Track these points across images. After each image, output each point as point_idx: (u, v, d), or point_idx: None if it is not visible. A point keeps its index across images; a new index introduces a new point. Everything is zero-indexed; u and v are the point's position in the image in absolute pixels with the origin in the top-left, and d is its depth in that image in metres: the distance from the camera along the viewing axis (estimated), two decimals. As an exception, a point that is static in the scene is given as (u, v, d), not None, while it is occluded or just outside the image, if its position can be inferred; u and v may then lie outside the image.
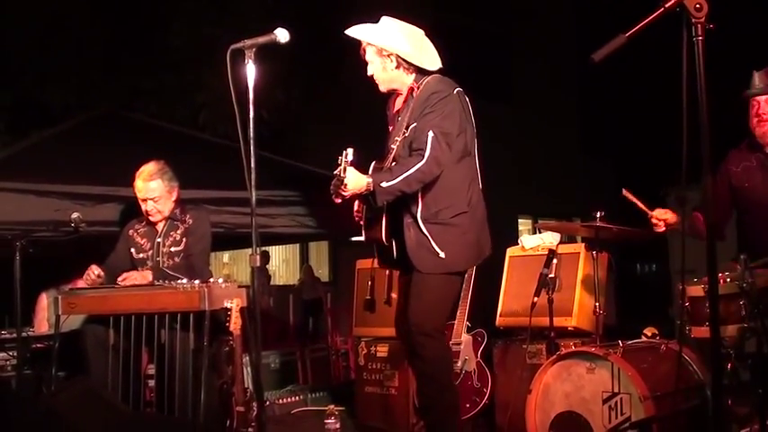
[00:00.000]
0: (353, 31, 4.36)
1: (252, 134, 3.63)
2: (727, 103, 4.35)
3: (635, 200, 4.58)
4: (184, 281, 4.72)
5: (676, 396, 3.98)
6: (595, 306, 4.77)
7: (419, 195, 4.21)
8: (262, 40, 3.70)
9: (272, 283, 12.90)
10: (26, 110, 10.09)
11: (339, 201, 4.17)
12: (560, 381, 4.44)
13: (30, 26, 10.09)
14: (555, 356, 4.54)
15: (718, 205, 4.53)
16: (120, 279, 5.06)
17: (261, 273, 3.81)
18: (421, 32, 4.42)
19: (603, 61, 2.56)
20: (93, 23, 10.20)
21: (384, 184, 4.09)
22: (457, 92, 4.31)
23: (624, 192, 4.58)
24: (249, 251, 3.69)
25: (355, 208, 4.46)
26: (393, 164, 4.26)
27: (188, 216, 5.39)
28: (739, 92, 4.49)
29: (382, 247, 4.42)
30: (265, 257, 12.68)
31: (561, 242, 5.61)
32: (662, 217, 4.53)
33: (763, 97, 4.40)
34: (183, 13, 10.27)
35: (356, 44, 4.41)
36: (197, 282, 4.62)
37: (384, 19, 4.40)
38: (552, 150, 16.03)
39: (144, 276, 5.10)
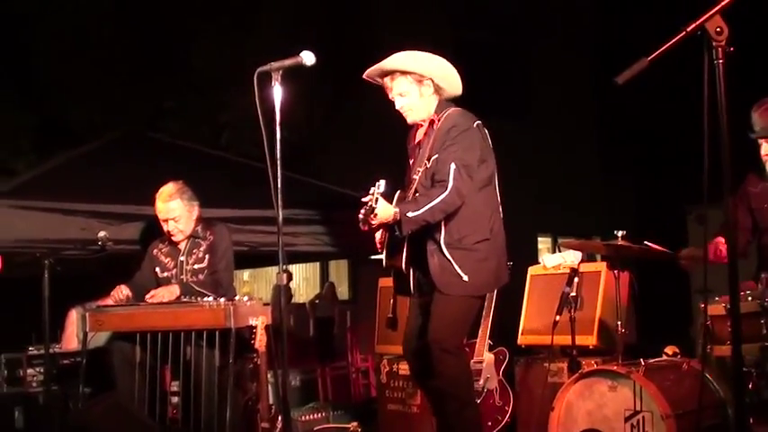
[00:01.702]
0: (387, 64, 4.44)
1: (279, 155, 3.70)
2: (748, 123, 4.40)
3: (658, 248, 4.67)
4: (210, 298, 4.78)
5: (698, 414, 3.99)
6: (617, 324, 4.79)
7: (442, 223, 4.31)
8: (288, 62, 3.76)
9: (293, 301, 12.93)
10: (51, 130, 10.23)
11: (366, 228, 4.25)
12: (583, 399, 4.47)
13: (54, 46, 10.25)
14: (577, 374, 4.57)
15: (741, 227, 4.58)
16: (147, 297, 5.12)
17: (285, 291, 3.87)
18: (443, 60, 4.52)
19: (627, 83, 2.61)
20: (117, 43, 10.34)
21: (410, 214, 4.20)
22: (477, 125, 4.43)
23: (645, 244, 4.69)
24: (269, 269, 3.76)
25: (377, 238, 4.54)
26: (417, 194, 4.38)
27: (209, 232, 5.45)
28: None
29: (399, 276, 4.54)
30: (289, 276, 12.72)
31: (581, 260, 5.63)
32: (689, 256, 4.61)
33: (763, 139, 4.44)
34: (206, 34, 10.40)
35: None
36: (222, 300, 4.68)
37: (407, 52, 4.48)
38: (571, 168, 15.98)
39: (171, 292, 5.16)
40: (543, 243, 16.61)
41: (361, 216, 4.16)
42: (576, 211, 15.78)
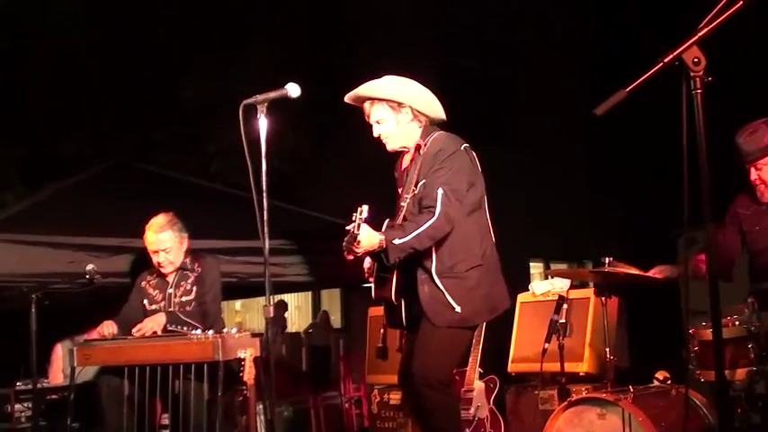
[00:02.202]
0: (363, 90, 4.35)
1: (264, 186, 3.70)
2: (730, 148, 4.41)
3: (627, 270, 4.64)
4: (198, 331, 4.76)
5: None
6: (606, 351, 4.78)
7: (433, 250, 4.17)
8: (273, 94, 3.77)
9: (287, 330, 12.90)
10: (40, 161, 10.25)
11: (351, 258, 4.10)
12: (572, 427, 4.45)
13: (43, 78, 10.28)
14: (566, 403, 4.55)
15: (729, 248, 4.58)
16: (134, 330, 5.09)
17: (275, 322, 3.85)
18: (421, 86, 4.42)
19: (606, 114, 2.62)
20: (106, 75, 10.39)
21: (396, 242, 4.05)
22: (464, 148, 4.30)
23: (609, 266, 4.65)
24: (261, 299, 3.73)
25: (366, 266, 4.43)
26: (405, 221, 4.24)
27: (197, 264, 5.43)
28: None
29: (391, 308, 4.40)
30: (283, 307, 12.72)
31: (573, 287, 5.62)
32: (659, 276, 4.60)
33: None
34: (194, 65, 10.45)
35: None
36: (211, 332, 4.66)
37: (385, 77, 4.41)
38: (562, 193, 16.05)
39: (157, 322, 5.12)
40: (536, 268, 16.65)
41: (344, 245, 4.03)
42: (567, 236, 15.83)
